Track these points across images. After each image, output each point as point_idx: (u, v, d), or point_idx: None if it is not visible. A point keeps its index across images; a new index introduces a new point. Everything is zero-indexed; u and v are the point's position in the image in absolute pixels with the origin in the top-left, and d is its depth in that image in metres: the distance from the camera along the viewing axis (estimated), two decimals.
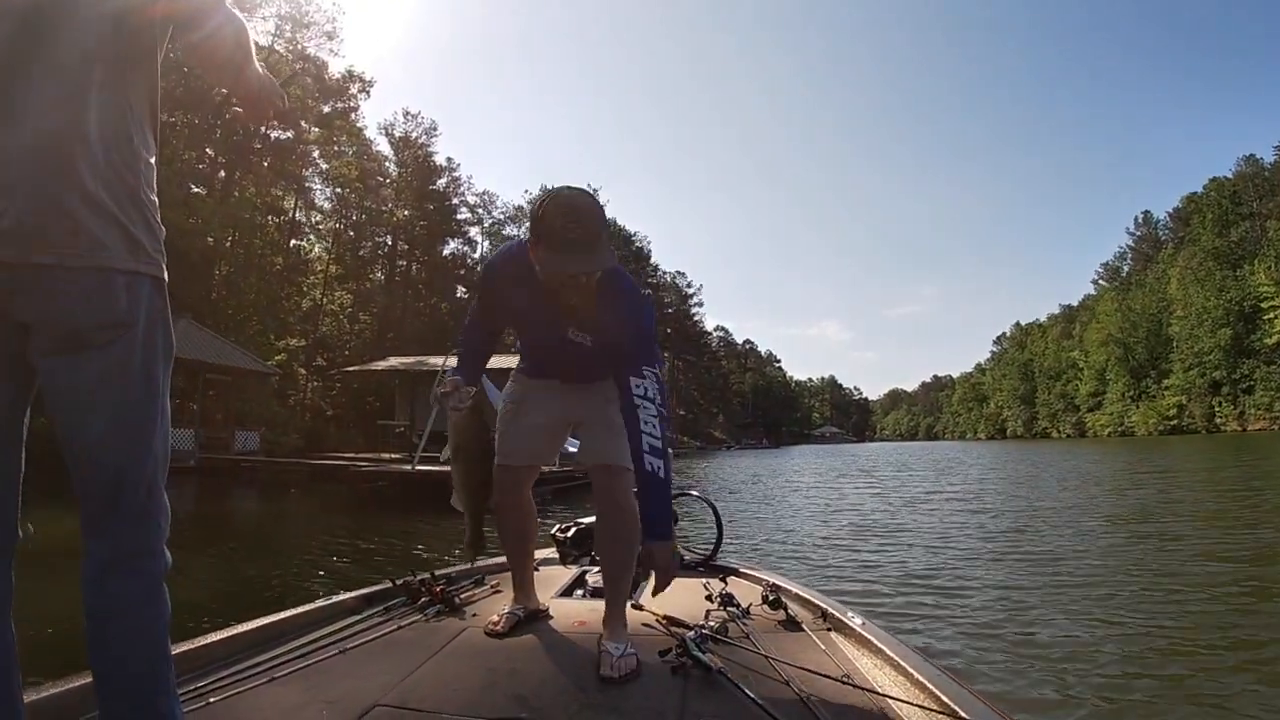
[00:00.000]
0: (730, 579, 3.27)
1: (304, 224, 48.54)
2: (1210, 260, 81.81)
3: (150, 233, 1.48)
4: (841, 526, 11.33)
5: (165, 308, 1.53)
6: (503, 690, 2.07)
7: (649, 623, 2.69)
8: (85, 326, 1.38)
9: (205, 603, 5.96)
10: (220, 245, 33.95)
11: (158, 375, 1.50)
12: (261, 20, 40.34)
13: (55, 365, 1.40)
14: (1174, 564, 7.58)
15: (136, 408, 1.46)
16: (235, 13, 1.57)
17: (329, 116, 45.27)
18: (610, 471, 2.46)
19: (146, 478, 1.47)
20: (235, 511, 16.71)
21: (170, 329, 1.54)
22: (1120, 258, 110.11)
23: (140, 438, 1.47)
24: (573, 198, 2.10)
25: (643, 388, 2.25)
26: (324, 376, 43.80)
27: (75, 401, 1.41)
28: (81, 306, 1.37)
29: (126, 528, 1.45)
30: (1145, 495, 14.96)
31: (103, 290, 1.39)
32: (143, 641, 1.43)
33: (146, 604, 1.45)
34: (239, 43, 1.59)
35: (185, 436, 25.00)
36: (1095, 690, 4.10)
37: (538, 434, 2.67)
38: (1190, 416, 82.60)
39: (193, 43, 1.54)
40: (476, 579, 3.31)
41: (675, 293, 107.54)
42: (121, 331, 1.42)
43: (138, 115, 1.47)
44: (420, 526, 12.01)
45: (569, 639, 2.57)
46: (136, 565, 1.45)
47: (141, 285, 1.45)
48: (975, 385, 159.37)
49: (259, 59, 1.68)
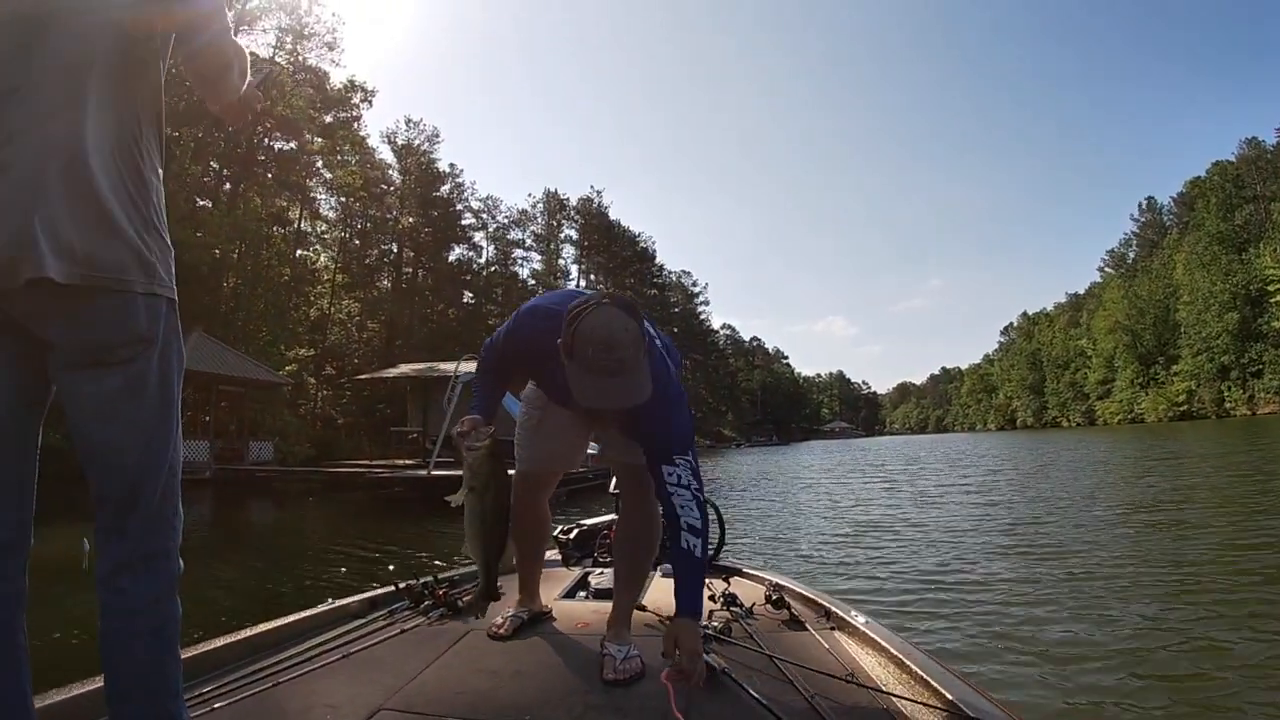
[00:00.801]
0: (733, 579, 3.25)
1: (310, 234, 48.77)
2: (1215, 245, 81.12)
3: (163, 253, 1.52)
4: (850, 524, 11.18)
5: (178, 324, 1.58)
6: (506, 693, 2.09)
7: (652, 624, 2.69)
8: (110, 344, 1.43)
9: (242, 607, 6.14)
10: (228, 257, 34.03)
11: (173, 387, 1.56)
12: (262, 33, 40.77)
13: (77, 379, 1.45)
14: (1192, 554, 7.41)
15: (154, 418, 1.51)
16: (237, 43, 1.64)
17: (332, 126, 45.50)
18: (636, 471, 2.37)
19: (161, 484, 1.52)
20: (257, 522, 16.85)
21: (182, 343, 1.60)
22: (1126, 244, 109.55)
23: (157, 446, 1.52)
24: (605, 326, 1.94)
25: (675, 475, 2.13)
26: (334, 385, 44.03)
27: (97, 413, 1.46)
28: (105, 326, 1.42)
29: (142, 531, 1.50)
30: (1159, 483, 14.86)
31: (125, 310, 1.43)
32: (154, 642, 1.47)
33: (158, 605, 1.49)
34: (238, 55, 1.65)
35: (200, 448, 25.17)
36: (1105, 689, 4.04)
37: (558, 440, 2.63)
38: (1200, 402, 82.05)
39: (193, 53, 1.58)
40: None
41: (681, 292, 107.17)
42: (142, 348, 1.47)
43: (145, 130, 1.51)
44: (438, 528, 12.15)
45: (572, 641, 2.58)
46: (150, 567, 1.49)
47: (159, 305, 1.50)
48: (984, 376, 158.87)
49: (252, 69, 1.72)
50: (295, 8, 41.46)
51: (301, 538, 13.17)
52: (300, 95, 42.09)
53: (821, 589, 3.26)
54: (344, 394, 45.17)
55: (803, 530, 10.99)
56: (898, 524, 10.85)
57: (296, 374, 36.89)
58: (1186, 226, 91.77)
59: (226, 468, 24.90)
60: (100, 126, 1.40)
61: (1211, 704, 3.84)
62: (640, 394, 1.97)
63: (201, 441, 25.71)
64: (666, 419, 2.17)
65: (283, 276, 40.12)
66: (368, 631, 2.68)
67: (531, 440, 2.64)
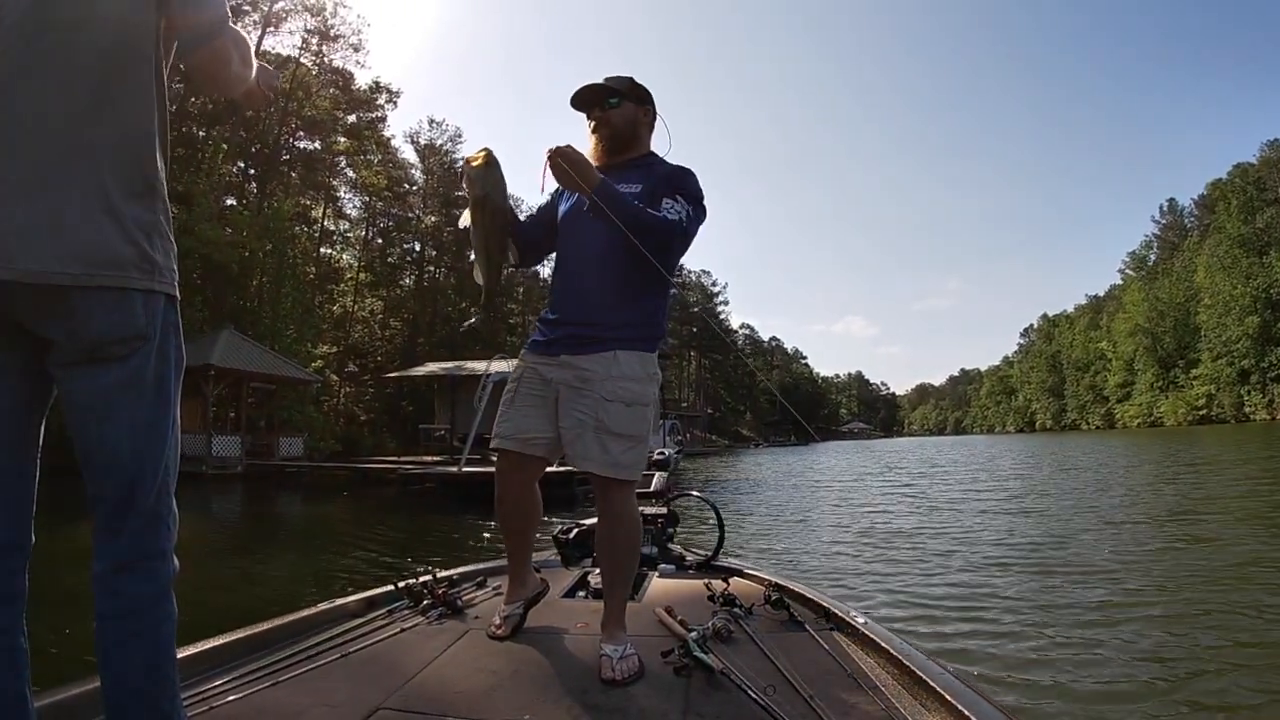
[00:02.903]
0: (733, 579, 3.22)
1: (334, 232, 49.66)
2: (1236, 248, 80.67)
3: (165, 250, 1.51)
4: (867, 531, 10.77)
5: (178, 321, 1.57)
6: (505, 693, 2.10)
7: (651, 623, 2.70)
8: (105, 341, 1.42)
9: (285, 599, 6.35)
10: (256, 256, 34.61)
11: (170, 385, 1.54)
12: (288, 34, 41.63)
13: (74, 375, 1.44)
14: (1217, 563, 7.11)
15: (150, 416, 1.49)
16: (236, 30, 1.61)
17: (357, 127, 46.36)
18: (604, 481, 2.43)
19: (158, 483, 1.51)
20: (299, 514, 17.12)
21: (181, 341, 1.58)
22: (1146, 246, 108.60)
23: (153, 445, 1.50)
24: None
25: (674, 208, 2.40)
26: (357, 382, 44.68)
27: (93, 410, 1.45)
28: (101, 323, 1.40)
29: (137, 531, 1.48)
30: (1182, 489, 14.35)
31: (122, 307, 1.42)
32: (149, 643, 1.46)
33: (154, 605, 1.48)
34: (242, 56, 1.63)
35: (232, 443, 25.88)
36: (1111, 696, 3.96)
37: (530, 417, 2.54)
38: (1219, 406, 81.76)
39: (195, 55, 1.56)
40: (479, 581, 3.34)
41: (700, 291, 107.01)
42: (139, 344, 1.46)
43: (146, 130, 1.49)
44: (474, 522, 12.52)
45: (571, 641, 2.59)
46: (146, 567, 1.48)
47: (157, 301, 1.49)
48: (1003, 378, 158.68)
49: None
50: (321, 10, 42.27)
51: (347, 528, 13.47)
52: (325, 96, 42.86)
53: (821, 589, 3.26)
54: (366, 391, 45.98)
55: (821, 538, 10.56)
56: (913, 532, 10.45)
57: (321, 371, 37.48)
58: (1207, 229, 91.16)
59: (257, 463, 25.50)
60: (99, 123, 1.40)
61: (1212, 705, 3.80)
62: (612, 84, 2.56)
63: (233, 437, 26.36)
64: (671, 167, 2.57)
65: (309, 275, 40.73)
66: (367, 631, 2.67)
67: (504, 414, 2.60)
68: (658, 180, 2.48)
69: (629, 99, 2.57)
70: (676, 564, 3.79)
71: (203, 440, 24.79)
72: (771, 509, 14.80)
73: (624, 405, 2.39)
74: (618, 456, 2.37)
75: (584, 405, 2.39)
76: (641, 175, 2.51)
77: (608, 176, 2.41)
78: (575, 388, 2.42)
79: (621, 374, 2.40)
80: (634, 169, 2.54)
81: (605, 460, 2.36)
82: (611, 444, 2.36)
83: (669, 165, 2.56)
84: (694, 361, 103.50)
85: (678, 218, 2.38)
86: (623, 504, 2.46)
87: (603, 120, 2.56)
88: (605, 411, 2.37)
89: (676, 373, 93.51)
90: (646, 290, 2.48)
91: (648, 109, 2.63)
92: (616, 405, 2.38)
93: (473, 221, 2.48)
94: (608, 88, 2.54)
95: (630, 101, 2.58)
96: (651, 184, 2.47)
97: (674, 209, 2.38)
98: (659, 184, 2.46)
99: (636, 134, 2.61)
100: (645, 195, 2.42)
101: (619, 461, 2.37)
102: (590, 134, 2.60)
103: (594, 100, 2.56)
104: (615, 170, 2.52)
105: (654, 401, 2.51)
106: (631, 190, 2.43)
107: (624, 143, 2.59)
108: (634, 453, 2.42)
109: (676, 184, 2.47)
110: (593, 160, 2.48)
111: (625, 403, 2.39)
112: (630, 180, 2.48)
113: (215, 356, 24.66)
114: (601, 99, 2.55)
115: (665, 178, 2.49)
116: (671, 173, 2.52)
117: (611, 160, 2.57)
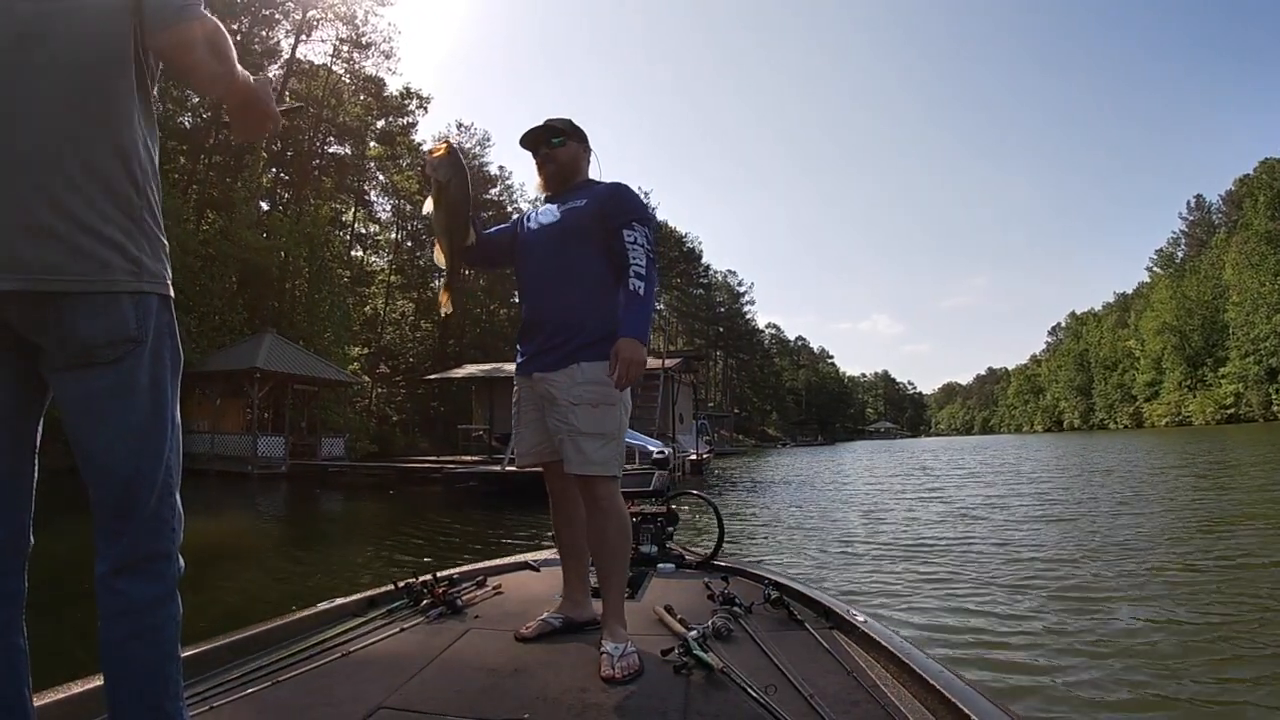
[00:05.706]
0: (732, 578, 3.21)
1: (365, 235, 50.69)
2: (1264, 244, 79.34)
3: (153, 251, 1.50)
4: (894, 538, 9.98)
5: (173, 321, 1.56)
6: (506, 692, 2.10)
7: (650, 622, 2.72)
8: (94, 345, 1.41)
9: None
10: (292, 260, 35.30)
11: (166, 386, 1.53)
12: (320, 42, 42.47)
13: (66, 380, 1.44)
14: (1239, 558, 6.97)
15: (146, 418, 1.49)
16: (211, 22, 1.53)
17: (389, 132, 47.39)
18: (587, 481, 2.55)
19: (158, 484, 1.50)
20: (351, 512, 17.56)
21: (178, 342, 1.57)
22: (1174, 243, 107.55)
23: (150, 446, 1.49)
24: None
25: (633, 237, 2.57)
26: (389, 383, 45.52)
27: (87, 413, 1.45)
28: (88, 328, 1.40)
29: (138, 532, 1.48)
30: (1217, 493, 13.67)
31: (110, 311, 1.42)
32: (152, 643, 1.46)
33: (157, 606, 1.48)
34: (214, 48, 1.54)
35: (275, 444, 26.60)
36: (1115, 704, 3.87)
37: (534, 429, 2.75)
38: (1247, 405, 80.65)
39: (157, 40, 1.50)
40: (479, 580, 3.34)
41: (727, 291, 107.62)
42: (130, 347, 1.45)
43: (133, 134, 1.48)
44: (518, 518, 12.96)
45: (571, 640, 2.59)
46: (148, 568, 1.48)
47: (148, 302, 1.48)
48: (1031, 377, 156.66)
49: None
50: (353, 18, 42.94)
51: (405, 523, 13.78)
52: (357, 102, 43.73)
53: (820, 588, 3.29)
54: (398, 392, 46.90)
55: (844, 538, 10.10)
56: (939, 540, 9.66)
57: (355, 372, 38.11)
58: (1235, 225, 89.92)
59: (300, 463, 26.13)
60: (78, 129, 1.40)
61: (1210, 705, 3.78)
62: (551, 126, 2.82)
63: (278, 438, 27.12)
64: (607, 187, 2.77)
65: (343, 278, 41.53)
66: (367, 631, 2.68)
67: (515, 434, 2.83)
68: (599, 197, 2.72)
69: (571, 137, 2.84)
70: (676, 563, 3.85)
71: (248, 441, 25.55)
72: (821, 511, 13.96)
73: (590, 406, 2.53)
74: (592, 455, 2.51)
75: (557, 415, 2.57)
76: (584, 194, 2.75)
77: (557, 201, 2.81)
78: (550, 400, 2.60)
79: (586, 380, 2.55)
80: (578, 191, 2.80)
81: (581, 460, 2.52)
82: (585, 444, 2.51)
83: (604, 183, 2.81)
84: (720, 361, 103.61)
85: (643, 246, 2.59)
86: (609, 499, 2.56)
87: (549, 157, 2.82)
88: (574, 415, 2.53)
89: (703, 373, 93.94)
90: (603, 299, 2.62)
91: (585, 145, 2.91)
92: (583, 408, 2.53)
93: (435, 206, 2.71)
94: (551, 128, 2.82)
95: (573, 140, 2.84)
96: (595, 201, 2.70)
97: (633, 237, 2.58)
98: (603, 200, 2.70)
99: (578, 167, 2.87)
100: (592, 207, 2.69)
101: (593, 459, 2.51)
102: (538, 170, 2.87)
103: (540, 140, 2.83)
104: (561, 196, 2.83)
105: (621, 400, 2.61)
106: (577, 205, 2.71)
107: (569, 174, 2.85)
108: (608, 449, 2.55)
109: (623, 205, 2.67)
110: (542, 191, 2.90)
111: (591, 404, 2.53)
112: (577, 199, 2.74)
113: (260, 359, 25.46)
114: (546, 138, 2.82)
115: (606, 196, 2.71)
116: (611, 191, 2.74)
117: (558, 190, 2.86)
